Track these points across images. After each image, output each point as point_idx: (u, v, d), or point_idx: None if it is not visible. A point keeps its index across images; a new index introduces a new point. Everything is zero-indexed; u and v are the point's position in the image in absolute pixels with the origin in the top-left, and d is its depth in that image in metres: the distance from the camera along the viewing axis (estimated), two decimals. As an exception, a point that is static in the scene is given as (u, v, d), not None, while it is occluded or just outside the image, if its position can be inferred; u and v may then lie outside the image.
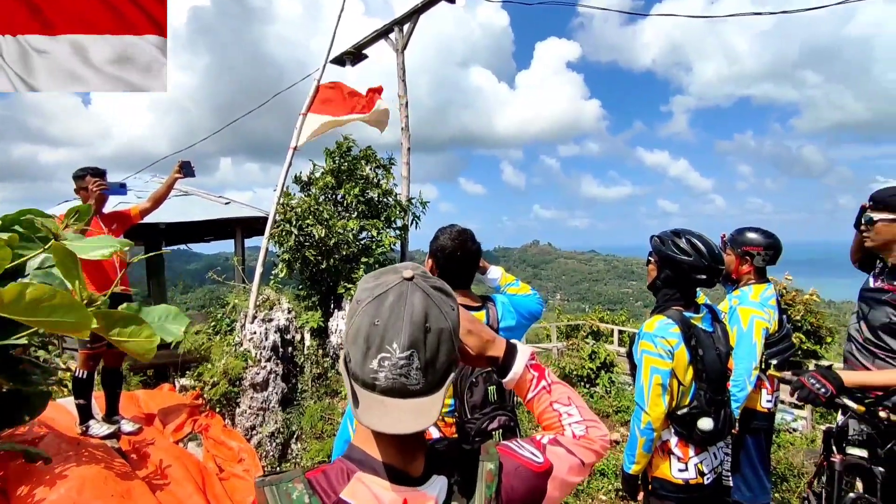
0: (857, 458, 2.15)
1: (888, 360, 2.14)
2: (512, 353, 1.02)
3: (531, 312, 2.13)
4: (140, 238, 9.18)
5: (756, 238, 2.98)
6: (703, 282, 2.11)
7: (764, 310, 2.80)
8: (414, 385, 0.76)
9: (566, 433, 0.98)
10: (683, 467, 2.07)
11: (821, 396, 2.09)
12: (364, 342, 0.76)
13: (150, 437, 3.69)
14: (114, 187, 3.28)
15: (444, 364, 0.79)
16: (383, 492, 0.79)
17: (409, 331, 0.75)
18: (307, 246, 4.88)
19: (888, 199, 2.13)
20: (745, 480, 2.89)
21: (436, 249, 1.92)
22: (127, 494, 2.83)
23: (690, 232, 2.16)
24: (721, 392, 2.10)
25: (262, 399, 4.00)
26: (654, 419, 2.02)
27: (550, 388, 1.02)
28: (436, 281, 0.84)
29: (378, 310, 0.77)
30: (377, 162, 5.56)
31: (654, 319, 2.12)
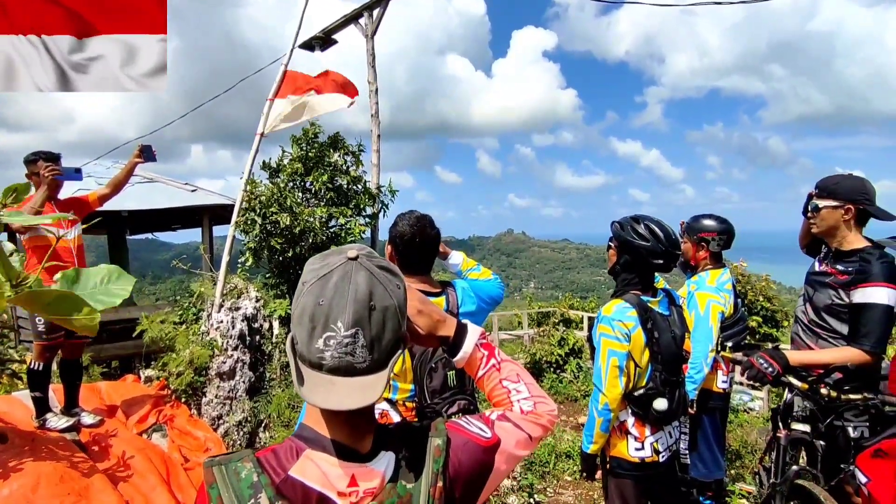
0: (800, 432, 2.27)
1: (830, 339, 2.25)
2: (462, 333, 1.04)
3: (492, 297, 2.16)
4: (102, 226, 8.89)
5: (710, 224, 3.08)
6: (660, 266, 2.17)
7: (720, 294, 2.90)
8: (360, 363, 0.77)
9: (514, 409, 1.01)
10: (640, 446, 2.14)
11: (768, 375, 2.19)
12: (309, 321, 0.77)
13: (112, 428, 3.62)
14: (68, 172, 3.15)
15: (390, 342, 0.81)
16: (331, 468, 0.80)
17: (354, 308, 0.77)
18: (273, 234, 4.82)
19: (832, 186, 2.22)
20: (701, 458, 3.01)
21: (395, 235, 1.93)
22: (84, 492, 2.77)
23: (649, 218, 2.21)
24: (676, 373, 2.18)
25: (229, 388, 3.96)
26: (611, 400, 2.08)
27: (500, 365, 1.05)
28: (381, 261, 0.86)
29: (323, 289, 0.78)
30: (346, 149, 5.50)
31: (612, 303, 2.17)
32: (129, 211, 6.79)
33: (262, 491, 0.75)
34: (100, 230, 9.35)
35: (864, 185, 2.18)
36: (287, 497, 0.77)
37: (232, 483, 0.76)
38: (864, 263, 2.12)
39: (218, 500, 0.75)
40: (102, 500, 2.83)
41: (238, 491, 0.75)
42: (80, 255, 3.41)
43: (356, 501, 0.79)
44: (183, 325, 4.71)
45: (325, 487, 0.79)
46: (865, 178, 2.20)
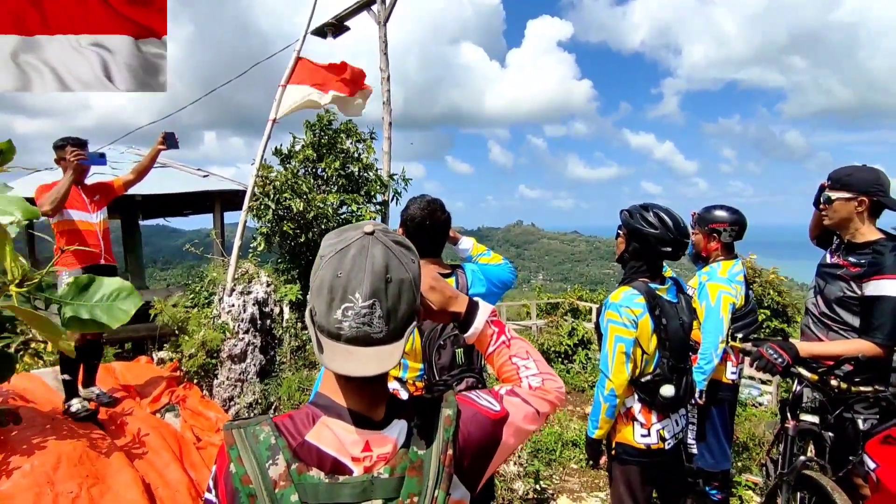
0: (809, 423, 2.27)
1: (841, 331, 2.24)
2: (473, 310, 1.07)
3: (502, 281, 2.18)
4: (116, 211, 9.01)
5: (722, 215, 3.06)
6: (668, 254, 2.17)
7: (731, 285, 2.89)
8: (377, 333, 0.80)
9: (523, 385, 1.03)
10: (646, 433, 2.15)
11: (777, 366, 2.18)
12: (328, 293, 0.80)
13: (128, 407, 3.70)
14: (93, 157, 3.23)
15: (406, 313, 0.83)
16: (347, 434, 0.83)
17: (371, 280, 0.79)
18: (285, 219, 4.85)
19: (844, 178, 2.20)
20: (709, 448, 3.01)
21: (406, 219, 1.97)
22: (102, 474, 2.84)
23: (658, 206, 2.21)
24: (683, 360, 2.18)
25: (240, 370, 4.02)
26: (618, 386, 2.09)
27: (510, 342, 1.07)
28: (396, 236, 0.88)
29: (341, 262, 0.81)
30: (358, 136, 5.51)
31: (620, 290, 2.18)
32: (143, 195, 6.88)
33: (279, 453, 0.78)
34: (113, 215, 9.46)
35: (879, 177, 2.16)
36: (303, 460, 0.79)
37: (251, 444, 0.78)
38: (878, 255, 2.10)
39: (238, 460, 0.77)
40: (119, 479, 2.90)
41: (257, 452, 0.78)
42: (105, 238, 3.52)
43: (370, 466, 0.82)
44: (195, 309, 4.78)
45: (339, 453, 0.82)
46: (880, 169, 2.18)
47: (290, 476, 0.77)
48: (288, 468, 0.77)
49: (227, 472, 0.78)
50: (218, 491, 0.80)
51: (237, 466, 0.77)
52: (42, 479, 2.67)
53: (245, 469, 0.77)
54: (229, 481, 0.78)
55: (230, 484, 0.78)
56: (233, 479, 0.77)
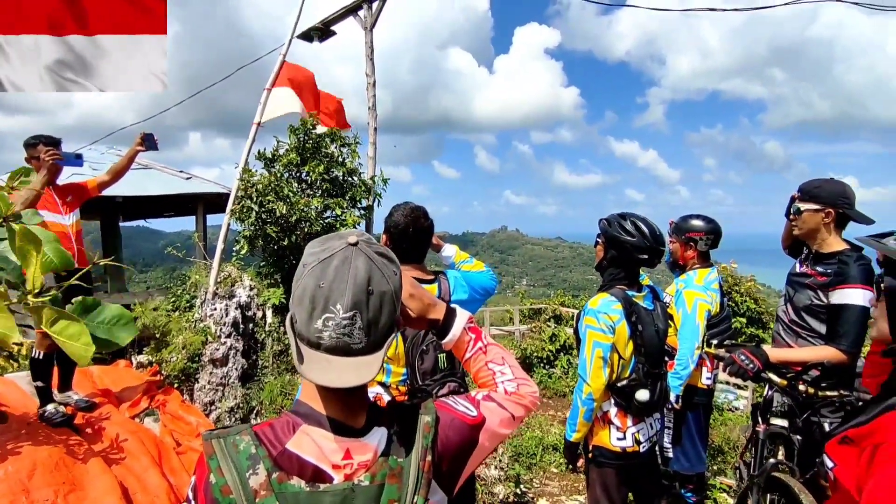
0: (778, 427, 2.35)
1: (809, 338, 2.32)
2: (451, 316, 1.09)
3: (484, 287, 2.22)
4: (95, 212, 8.86)
5: (698, 224, 3.15)
6: (645, 262, 2.24)
7: (707, 293, 2.97)
8: (357, 344, 0.81)
9: (499, 390, 1.06)
10: (622, 436, 2.21)
11: (748, 371, 2.26)
12: (310, 303, 0.81)
13: (105, 412, 3.65)
14: (69, 158, 3.15)
15: (386, 325, 0.85)
16: (327, 442, 0.84)
17: (353, 292, 0.81)
18: (269, 223, 4.84)
19: (813, 190, 2.29)
20: (684, 451, 3.09)
21: (389, 225, 2.00)
22: (79, 481, 2.79)
23: (635, 215, 2.28)
24: (658, 366, 2.25)
25: (222, 374, 4.00)
26: (595, 390, 2.14)
27: (486, 349, 1.10)
28: (379, 247, 0.90)
29: (323, 272, 0.82)
30: (342, 140, 5.52)
31: (598, 297, 2.24)
32: (123, 197, 6.79)
33: (259, 462, 0.79)
34: (92, 216, 9.32)
35: (845, 190, 2.25)
36: (284, 469, 0.80)
37: (231, 454, 0.79)
38: (843, 265, 2.19)
39: (217, 471, 0.78)
40: (97, 485, 2.85)
41: (237, 462, 0.78)
42: (78, 240, 3.41)
43: (350, 474, 0.83)
44: (176, 313, 4.73)
45: (320, 460, 0.82)
46: (846, 183, 2.27)
47: (270, 485, 0.77)
48: (269, 477, 0.78)
49: (207, 483, 0.79)
50: (197, 502, 0.81)
51: (217, 477, 0.78)
52: (17, 487, 2.62)
53: (225, 479, 0.77)
54: (209, 492, 0.78)
55: (210, 494, 0.78)
56: (213, 490, 0.77)
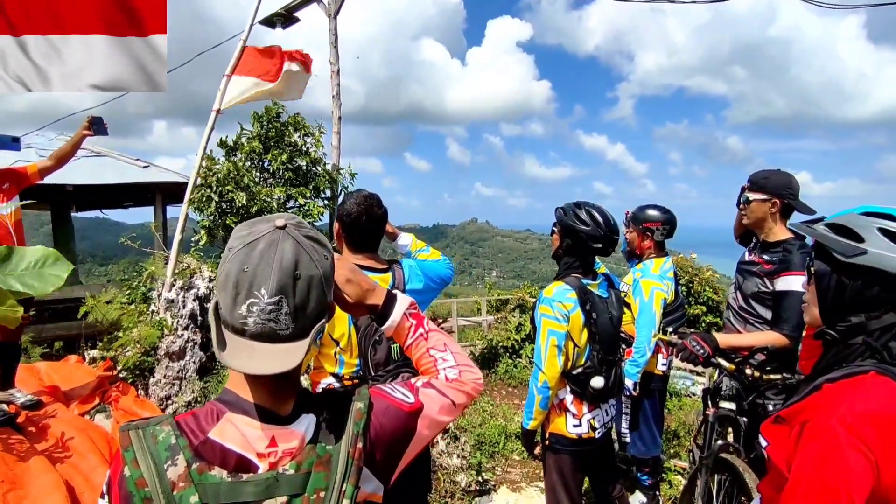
0: (727, 410, 2.43)
1: (757, 324, 2.40)
2: (391, 302, 1.07)
3: (440, 276, 2.20)
4: (45, 201, 8.45)
5: (654, 214, 3.21)
6: (599, 250, 2.26)
7: (663, 282, 3.04)
8: (283, 330, 0.79)
9: (440, 376, 1.04)
10: (578, 423, 2.24)
11: (699, 357, 2.32)
12: (233, 288, 0.78)
13: (51, 409, 3.50)
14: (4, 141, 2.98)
15: (315, 310, 0.83)
16: (251, 430, 0.82)
17: (278, 277, 0.78)
18: (228, 213, 4.71)
19: (761, 181, 2.36)
20: (641, 436, 3.16)
21: (342, 214, 1.96)
22: (18, 480, 2.68)
23: (590, 204, 2.30)
24: (612, 353, 2.28)
25: (179, 368, 3.89)
26: (550, 378, 2.16)
27: (427, 335, 1.08)
28: (310, 231, 0.88)
29: (248, 256, 0.79)
30: (306, 129, 5.41)
31: (553, 285, 2.26)
32: (74, 185, 6.48)
33: (179, 453, 0.76)
34: (43, 206, 8.89)
35: (790, 181, 2.33)
36: (205, 459, 0.78)
37: (149, 446, 0.76)
38: (787, 254, 2.27)
39: (133, 464, 0.75)
40: (39, 484, 2.75)
41: (155, 454, 0.76)
42: (18, 231, 3.21)
43: (275, 462, 0.81)
44: (132, 305, 4.57)
45: (244, 449, 0.80)
46: (792, 174, 2.35)
47: (189, 476, 0.75)
48: (188, 468, 0.76)
49: (122, 476, 0.76)
50: (111, 496, 0.78)
51: (132, 469, 0.75)
52: None
53: (141, 472, 0.74)
54: (123, 485, 0.75)
55: (124, 488, 0.75)
56: (127, 483, 0.75)
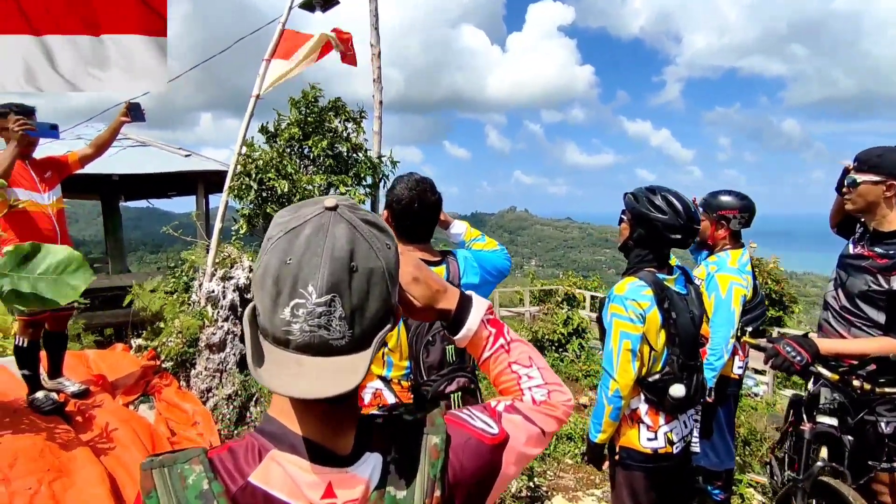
0: (826, 426, 2.10)
1: (864, 328, 2.06)
2: (466, 306, 0.87)
3: (497, 269, 1.98)
4: (94, 191, 8.68)
5: (731, 201, 2.87)
6: (678, 241, 1.99)
7: (742, 276, 2.72)
8: (337, 339, 0.61)
9: (525, 398, 0.85)
10: (653, 436, 1.99)
11: (795, 365, 2.01)
12: (273, 285, 0.60)
13: (98, 399, 3.49)
14: (43, 129, 2.90)
15: (376, 313, 0.64)
16: (302, 473, 0.64)
17: (330, 269, 0.60)
18: (269, 201, 4.61)
19: (874, 159, 2.00)
20: (713, 446, 2.86)
21: (391, 200, 1.76)
22: (64, 468, 2.66)
23: (666, 189, 2.01)
24: (694, 357, 2.01)
25: (219, 360, 3.82)
26: (623, 386, 1.91)
27: (509, 346, 0.88)
28: (367, 213, 0.68)
29: (291, 245, 0.61)
30: (347, 114, 5.24)
31: (625, 281, 1.99)
32: (119, 175, 6.56)
33: (213, 501, 0.60)
34: (92, 195, 9.14)
35: None
36: None
37: (176, 490, 0.60)
38: None
39: None
40: (84, 475, 2.72)
41: (183, 501, 0.59)
42: (60, 221, 3.14)
43: None
44: (174, 295, 4.55)
45: (294, 497, 0.63)
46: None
47: None
48: None
49: None
50: None
51: None
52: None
53: None
54: None
55: None
56: None
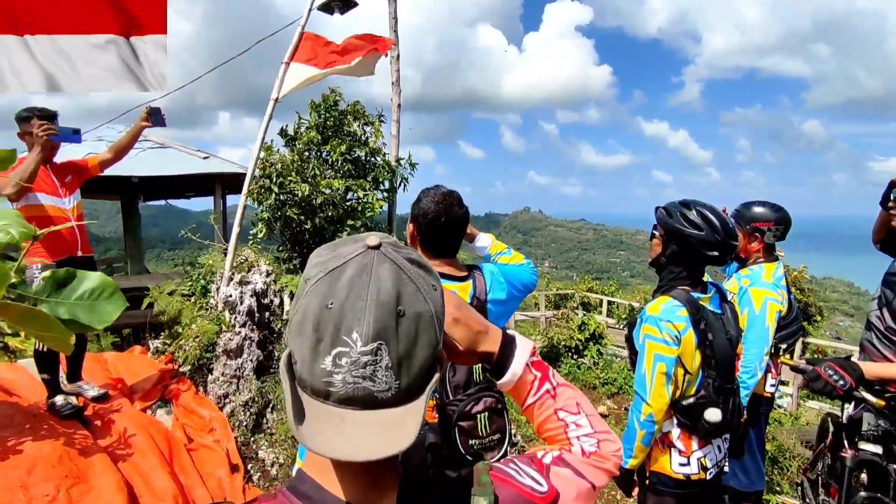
0: (870, 454, 2.00)
1: (913, 351, 1.95)
2: (509, 349, 0.80)
3: (524, 284, 1.91)
4: (114, 192, 8.77)
5: (765, 213, 2.76)
6: (714, 259, 1.89)
7: (777, 291, 2.61)
8: (383, 391, 0.55)
9: (574, 449, 0.79)
10: (685, 461, 1.90)
11: (838, 389, 1.91)
12: (313, 332, 0.55)
13: (117, 403, 3.49)
14: (65, 133, 2.89)
15: (425, 361, 0.58)
16: None
17: (376, 314, 0.54)
18: (289, 204, 4.58)
19: None
20: (744, 467, 2.76)
21: (418, 213, 1.69)
22: (83, 475, 2.65)
23: (701, 203, 1.92)
24: (730, 380, 1.92)
25: (236, 366, 3.80)
26: (657, 411, 1.83)
27: (555, 392, 0.81)
28: (410, 252, 0.62)
29: (332, 288, 0.55)
30: (366, 118, 5.20)
31: (658, 301, 1.90)
32: (139, 177, 6.61)
33: None
34: (112, 196, 9.24)
35: None
36: None
37: None
38: None
39: None
40: (102, 482, 2.71)
41: None
42: (80, 226, 3.16)
43: None
44: (191, 298, 4.55)
45: None
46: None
47: None
48: None
49: None
50: None
51: None
52: (14, 484, 2.49)
53: None
54: None
55: None
56: None
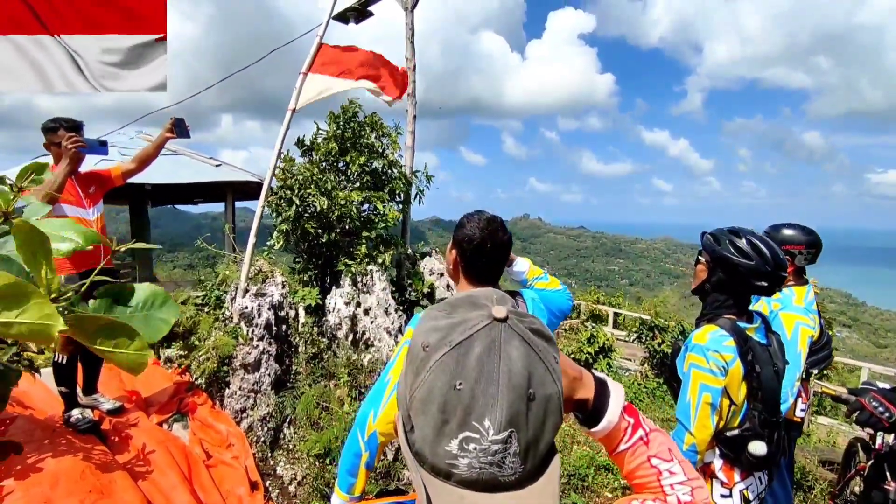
0: (913, 487, 1.98)
1: (959, 383, 1.93)
2: (604, 394, 0.78)
3: (562, 310, 1.90)
4: (124, 198, 8.76)
5: (796, 235, 2.75)
6: (763, 290, 1.87)
7: (809, 316, 2.59)
8: (507, 476, 0.52)
9: (670, 498, 0.76)
10: (727, 493, 1.87)
11: (884, 421, 1.90)
12: (439, 412, 0.52)
13: (133, 417, 3.45)
14: (93, 145, 2.88)
15: (549, 443, 0.56)
16: None
17: (509, 401, 0.51)
18: (307, 217, 4.55)
19: None
20: (773, 493, 2.72)
21: (461, 239, 1.66)
22: (106, 490, 2.62)
23: (751, 232, 1.90)
24: (776, 413, 1.89)
25: (254, 380, 3.76)
26: (700, 441, 1.80)
27: (648, 438, 0.79)
28: (533, 321, 0.59)
29: (461, 366, 0.53)
30: (383, 130, 5.18)
31: (704, 330, 1.88)
32: (152, 185, 6.60)
33: None
34: (121, 201, 9.23)
35: None
36: None
37: None
38: None
39: None
40: (125, 498, 2.68)
41: None
42: (103, 236, 3.15)
43: None
44: (206, 309, 4.51)
45: None
46: None
47: None
48: None
49: None
50: None
51: None
52: (38, 500, 2.48)
53: None
54: None
55: None
56: None
